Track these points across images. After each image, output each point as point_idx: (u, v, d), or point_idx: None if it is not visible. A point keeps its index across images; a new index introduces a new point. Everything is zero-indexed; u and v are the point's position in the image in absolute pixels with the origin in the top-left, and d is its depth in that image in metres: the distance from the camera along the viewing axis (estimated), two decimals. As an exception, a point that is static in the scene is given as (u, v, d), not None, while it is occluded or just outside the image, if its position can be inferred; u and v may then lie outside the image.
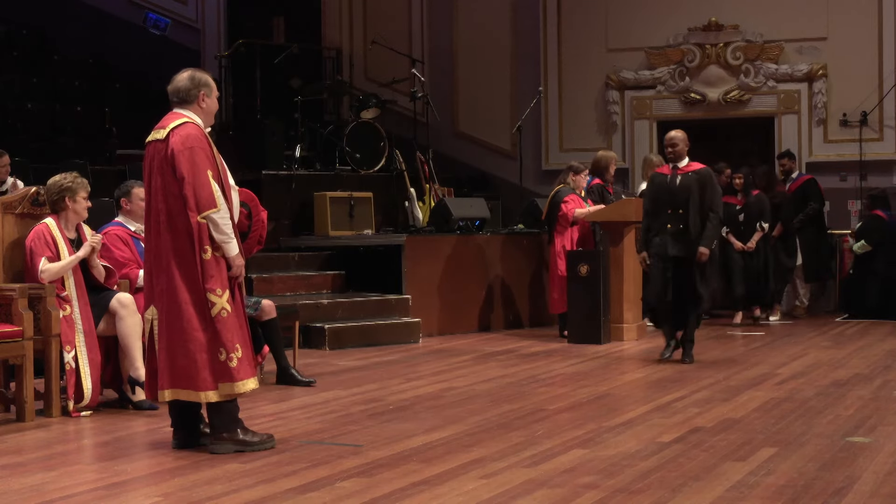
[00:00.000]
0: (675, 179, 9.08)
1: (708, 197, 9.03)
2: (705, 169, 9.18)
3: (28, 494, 4.94)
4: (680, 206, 8.99)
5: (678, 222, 8.98)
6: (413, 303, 11.20)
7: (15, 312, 6.81)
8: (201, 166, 5.68)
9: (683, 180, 9.05)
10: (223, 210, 5.70)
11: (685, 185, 9.02)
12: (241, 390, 5.72)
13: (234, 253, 5.74)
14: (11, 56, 14.79)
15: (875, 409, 6.87)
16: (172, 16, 16.79)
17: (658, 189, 9.16)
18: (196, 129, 5.78)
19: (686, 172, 9.11)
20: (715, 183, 9.15)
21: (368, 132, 13.44)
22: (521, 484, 5.04)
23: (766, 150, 14.05)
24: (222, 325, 5.68)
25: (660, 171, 9.28)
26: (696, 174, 9.08)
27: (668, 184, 9.10)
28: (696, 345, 9.40)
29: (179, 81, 5.89)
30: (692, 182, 9.03)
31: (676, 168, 9.14)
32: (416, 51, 15.33)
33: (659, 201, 9.10)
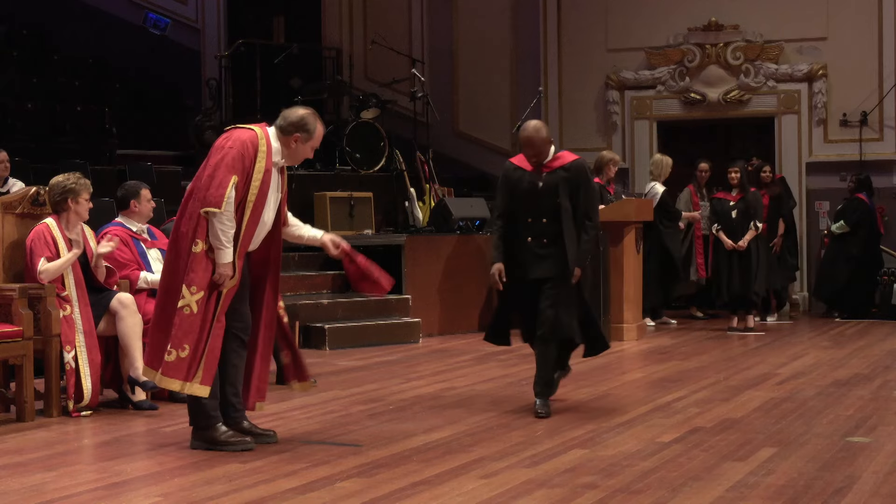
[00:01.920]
0: (539, 179, 6.93)
1: (582, 200, 6.89)
2: (579, 162, 7.01)
3: (28, 494, 4.94)
4: (544, 213, 6.89)
5: (541, 235, 6.91)
6: (413, 303, 11.20)
7: (15, 312, 6.81)
8: (230, 166, 5.70)
9: (550, 180, 6.92)
10: (225, 215, 5.69)
11: (551, 186, 6.90)
12: (160, 385, 5.78)
13: (223, 261, 5.72)
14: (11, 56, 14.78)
15: (875, 409, 6.87)
16: (172, 16, 16.78)
17: (514, 188, 6.99)
18: (251, 136, 5.80)
19: (553, 170, 6.94)
20: (591, 181, 7.09)
21: (368, 132, 13.44)
22: (521, 484, 5.04)
23: (766, 150, 14.04)
24: (180, 320, 5.69)
25: (517, 164, 7.06)
26: (565, 171, 6.93)
27: (528, 184, 6.93)
28: (694, 345, 9.38)
29: (293, 113, 5.95)
30: (560, 181, 6.89)
31: (539, 164, 6.98)
32: (416, 51, 15.33)
33: (516, 205, 6.96)
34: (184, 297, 5.71)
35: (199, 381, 5.73)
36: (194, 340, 5.71)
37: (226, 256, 5.72)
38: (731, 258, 11.64)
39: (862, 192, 12.83)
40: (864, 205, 12.78)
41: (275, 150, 5.86)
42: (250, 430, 5.98)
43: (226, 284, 5.76)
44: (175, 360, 5.69)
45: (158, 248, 7.70)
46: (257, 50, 14.43)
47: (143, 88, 15.87)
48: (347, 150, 13.19)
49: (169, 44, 16.65)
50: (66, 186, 7.14)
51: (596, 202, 7.05)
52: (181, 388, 5.73)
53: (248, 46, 14.47)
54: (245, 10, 16.95)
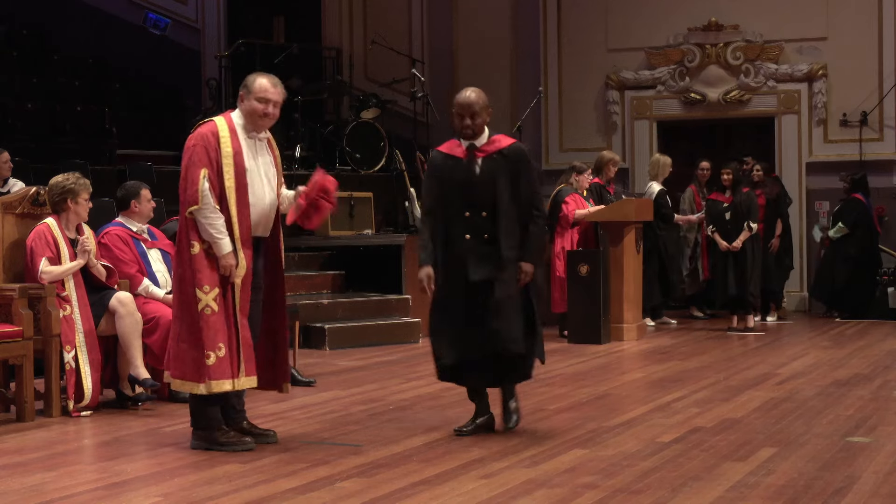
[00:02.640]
0: (474, 165, 6.14)
1: (525, 188, 6.12)
2: (517, 145, 6.26)
3: (28, 494, 4.94)
4: (483, 205, 6.08)
5: (481, 230, 6.08)
6: (413, 303, 11.19)
7: (15, 312, 6.81)
8: (196, 163, 5.76)
9: (487, 167, 6.13)
10: (206, 208, 5.72)
11: (489, 173, 6.11)
12: (214, 390, 5.75)
13: (222, 252, 5.74)
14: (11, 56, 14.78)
15: (875, 409, 6.87)
16: (172, 16, 16.78)
17: (446, 179, 6.17)
18: (209, 127, 5.84)
19: (489, 154, 6.15)
20: (531, 165, 6.24)
21: (368, 132, 13.44)
22: (521, 484, 5.04)
23: (766, 150, 14.04)
24: (205, 323, 5.70)
25: (446, 151, 6.26)
26: (503, 156, 6.14)
27: (462, 172, 6.11)
28: (694, 345, 9.37)
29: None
30: (500, 168, 6.10)
31: (474, 148, 6.18)
32: (416, 51, 15.33)
33: (450, 198, 6.13)
34: (200, 300, 5.72)
35: (245, 374, 5.78)
36: (226, 337, 5.74)
37: (224, 247, 5.74)
38: (726, 259, 11.59)
39: (858, 192, 12.83)
40: (861, 205, 12.78)
41: (239, 126, 5.88)
42: (250, 430, 5.99)
43: (235, 275, 5.77)
44: (216, 362, 5.71)
45: (159, 248, 7.71)
46: (257, 50, 14.43)
47: (143, 88, 15.87)
48: (347, 150, 13.19)
49: (169, 44, 16.65)
50: (65, 186, 7.14)
51: (539, 189, 6.27)
52: (233, 386, 5.76)
53: (248, 46, 14.48)
54: (245, 10, 16.95)
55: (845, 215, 12.75)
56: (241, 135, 5.86)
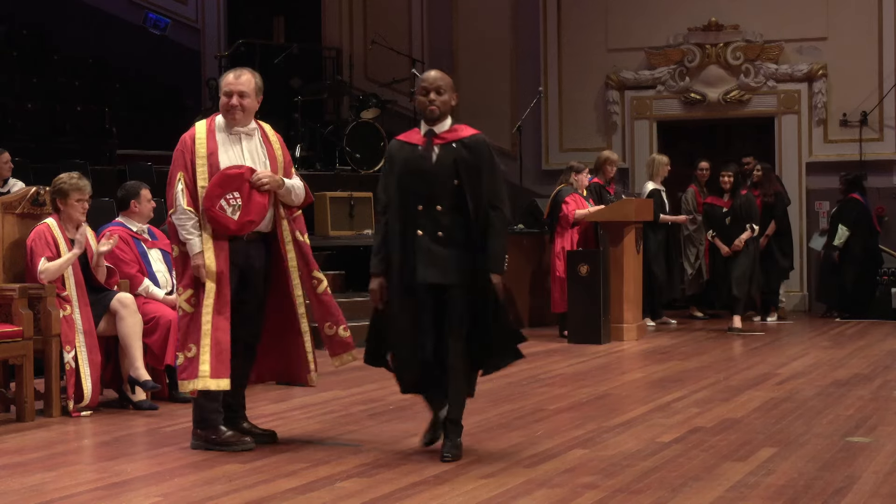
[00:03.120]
0: (430, 153, 5.52)
1: (486, 184, 5.49)
2: (480, 137, 5.63)
3: (28, 494, 4.94)
4: (438, 198, 5.46)
5: (434, 227, 5.46)
6: (413, 303, 11.17)
7: (15, 312, 6.81)
8: (174, 167, 5.86)
9: (444, 155, 5.52)
10: (178, 210, 5.77)
11: (446, 163, 5.49)
12: (182, 389, 5.82)
13: (192, 252, 5.78)
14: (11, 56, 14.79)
15: (875, 409, 6.87)
16: (172, 16, 16.79)
17: (401, 169, 5.56)
18: (190, 131, 5.91)
19: (448, 142, 5.54)
20: (494, 159, 5.63)
21: (368, 132, 13.44)
22: (521, 484, 5.04)
23: (766, 150, 14.04)
24: (181, 325, 5.81)
25: (404, 139, 5.67)
26: (464, 146, 5.53)
27: (417, 160, 5.51)
28: (694, 345, 9.34)
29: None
30: (459, 158, 5.49)
31: (433, 134, 5.56)
32: (416, 51, 15.33)
33: (404, 190, 5.51)
34: (180, 305, 5.80)
35: (208, 375, 5.69)
36: (197, 337, 5.72)
37: (193, 248, 5.76)
38: (726, 261, 11.60)
39: (855, 192, 12.82)
40: (859, 204, 12.77)
41: (219, 126, 5.88)
42: (250, 431, 5.98)
43: (206, 276, 5.72)
44: (184, 361, 5.73)
45: (159, 248, 7.71)
46: (257, 50, 14.43)
47: (143, 88, 15.87)
48: (347, 150, 13.19)
49: (169, 44, 16.65)
50: (56, 187, 7.16)
51: (503, 186, 5.59)
52: (193, 386, 5.72)
53: (248, 46, 14.48)
54: (245, 10, 16.96)
55: (845, 216, 12.73)
56: (219, 134, 5.85)
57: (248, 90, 5.85)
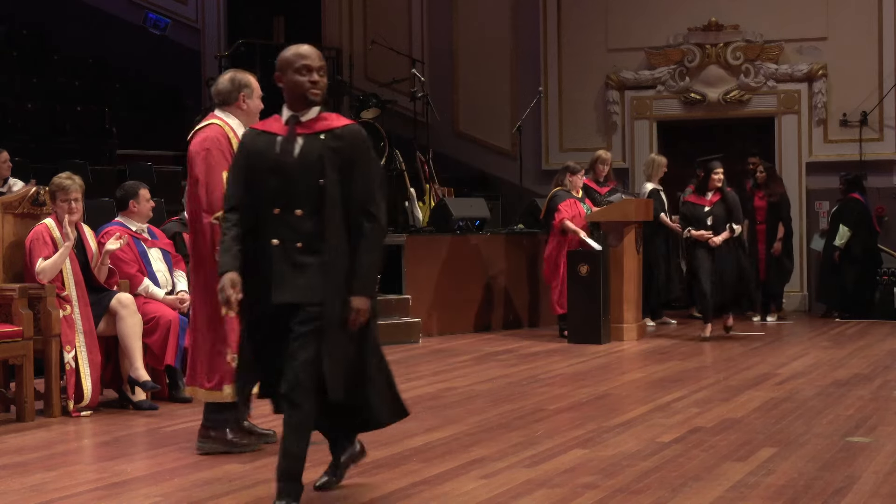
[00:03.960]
0: (292, 145, 4.58)
1: (359, 183, 4.55)
2: (354, 128, 4.68)
3: (28, 494, 4.94)
4: (299, 201, 4.52)
5: (293, 235, 4.51)
6: (413, 303, 11.20)
7: (15, 312, 6.81)
8: (216, 167, 5.68)
9: (309, 149, 4.57)
10: None
11: (310, 158, 4.54)
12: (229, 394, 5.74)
13: None
14: (11, 56, 14.79)
15: (875, 409, 6.87)
16: (172, 16, 16.79)
17: (255, 163, 4.62)
18: (217, 131, 5.79)
19: (314, 133, 4.60)
20: (371, 155, 4.66)
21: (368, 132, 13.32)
22: (521, 484, 5.04)
23: (766, 150, 14.04)
24: (230, 326, 5.69)
25: (261, 127, 4.75)
26: (334, 138, 4.58)
27: (277, 153, 4.58)
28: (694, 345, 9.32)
29: (220, 83, 5.97)
30: (326, 153, 4.54)
31: (296, 122, 4.64)
32: (416, 51, 15.33)
33: (257, 189, 4.57)
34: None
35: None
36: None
37: None
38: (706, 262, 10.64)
39: (855, 192, 12.82)
40: (860, 204, 12.77)
41: (235, 126, 5.86)
42: (251, 430, 5.98)
43: None
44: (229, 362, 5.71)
45: (159, 247, 7.71)
46: (257, 50, 14.43)
47: (143, 88, 15.87)
48: (347, 150, 13.16)
49: (169, 44, 16.65)
50: (49, 188, 7.17)
51: (380, 187, 4.62)
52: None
53: (248, 46, 14.48)
54: (245, 10, 16.96)
55: (845, 216, 12.73)
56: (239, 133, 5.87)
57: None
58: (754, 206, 12.54)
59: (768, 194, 12.50)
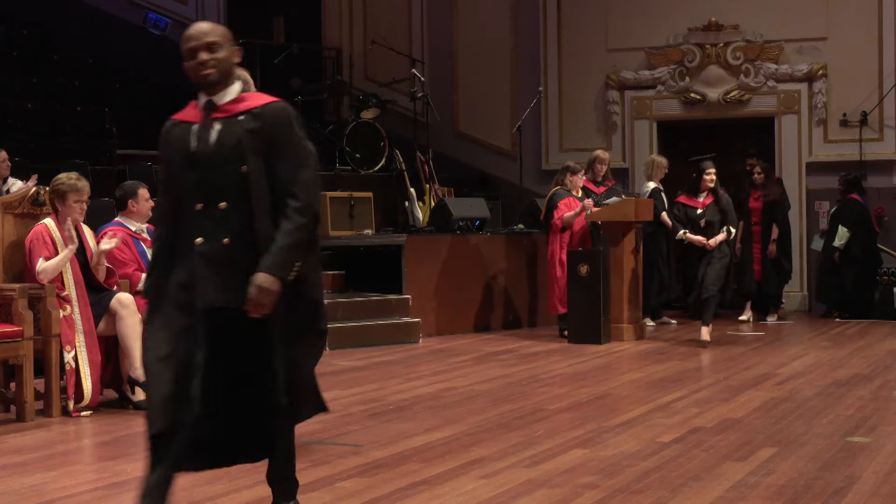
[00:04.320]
0: (208, 131, 4.11)
1: (283, 166, 4.06)
2: (278, 105, 4.15)
3: (28, 494, 4.94)
4: (221, 192, 4.04)
5: (218, 231, 4.03)
6: (413, 303, 11.20)
7: (15, 312, 6.81)
8: None
9: (227, 133, 4.08)
10: None
11: (229, 143, 4.06)
12: None
13: None
14: (11, 56, 14.78)
15: (875, 409, 6.87)
16: (172, 16, 16.78)
17: (173, 157, 4.18)
18: None
19: (232, 115, 4.12)
20: (298, 134, 4.12)
21: (368, 132, 13.44)
22: (521, 484, 5.04)
23: (766, 150, 14.04)
24: None
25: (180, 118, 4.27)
26: (254, 118, 4.09)
27: (195, 143, 4.11)
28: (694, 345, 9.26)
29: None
30: (245, 136, 4.06)
31: (212, 107, 4.17)
32: (416, 51, 15.33)
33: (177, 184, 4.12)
34: None
35: None
36: None
37: None
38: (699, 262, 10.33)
39: (854, 193, 12.82)
40: (859, 204, 12.77)
41: None
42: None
43: None
44: None
45: (158, 247, 7.70)
46: (257, 50, 14.43)
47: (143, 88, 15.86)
48: (347, 150, 13.19)
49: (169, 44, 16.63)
50: (54, 187, 7.16)
51: (310, 170, 4.12)
52: None
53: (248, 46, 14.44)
54: (245, 11, 16.96)
55: (844, 217, 12.73)
56: None
57: None
58: (749, 207, 12.53)
59: (764, 195, 12.50)
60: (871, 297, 12.75)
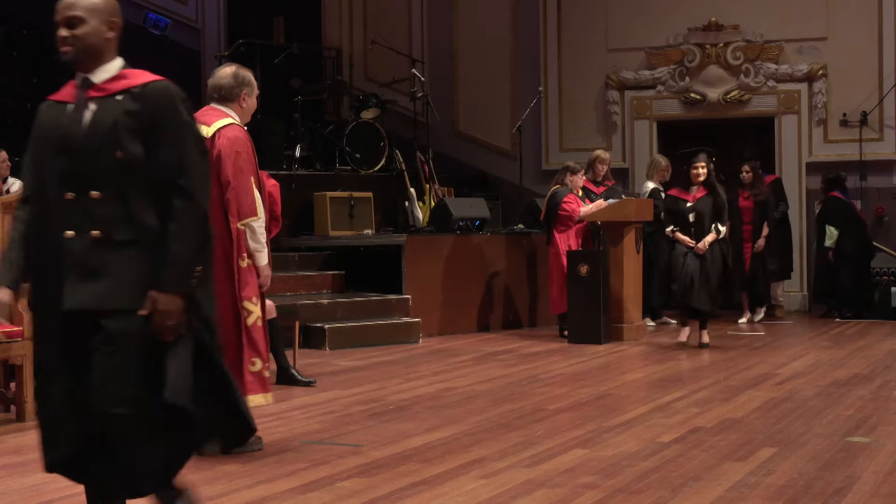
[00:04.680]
0: (82, 112, 3.67)
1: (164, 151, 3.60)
2: (161, 85, 3.76)
3: (28, 494, 4.94)
4: (94, 180, 3.58)
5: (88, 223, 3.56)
6: (413, 303, 11.21)
7: (15, 312, 6.79)
8: (246, 172, 5.67)
9: (103, 115, 3.63)
10: (262, 219, 5.71)
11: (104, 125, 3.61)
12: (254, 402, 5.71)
13: (264, 262, 5.76)
14: (11, 56, 14.78)
15: (875, 409, 6.87)
16: (172, 16, 16.79)
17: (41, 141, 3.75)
18: (241, 132, 5.76)
19: (110, 95, 3.67)
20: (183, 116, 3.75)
21: (368, 132, 13.44)
22: (521, 484, 5.04)
23: (766, 150, 14.05)
24: (258, 335, 5.72)
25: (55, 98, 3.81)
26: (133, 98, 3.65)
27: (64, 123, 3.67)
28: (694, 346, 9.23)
29: (222, 78, 5.87)
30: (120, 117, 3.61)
31: (88, 85, 3.72)
32: (416, 51, 15.33)
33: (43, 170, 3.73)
34: (251, 312, 5.70)
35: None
36: (264, 351, 5.79)
37: (265, 257, 5.76)
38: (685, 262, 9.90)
39: (835, 191, 12.80)
40: (841, 202, 12.77)
41: (241, 123, 5.85)
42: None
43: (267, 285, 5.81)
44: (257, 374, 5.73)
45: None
46: (257, 50, 14.43)
47: (143, 88, 15.86)
48: (347, 150, 13.19)
49: (169, 44, 16.65)
50: None
51: (195, 157, 3.65)
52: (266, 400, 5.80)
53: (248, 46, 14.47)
54: (245, 10, 16.95)
55: (829, 216, 12.74)
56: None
57: None
58: (740, 207, 12.41)
59: (754, 194, 12.43)
60: (871, 292, 12.73)
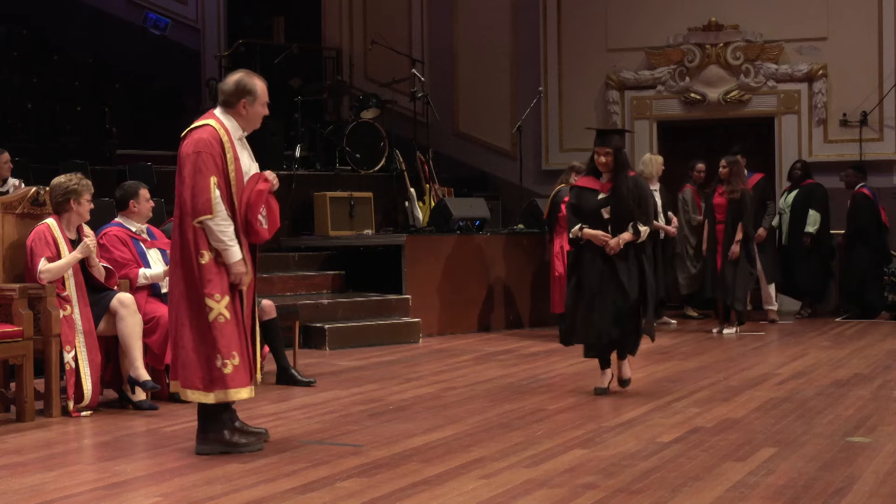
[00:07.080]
0: None
1: None
2: None
3: (28, 494, 4.94)
4: None
5: None
6: (413, 303, 11.21)
7: (15, 312, 6.81)
8: (204, 171, 5.66)
9: None
10: (218, 217, 5.66)
11: None
12: (233, 398, 5.73)
13: (233, 259, 5.71)
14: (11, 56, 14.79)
15: (875, 409, 6.87)
16: (172, 16, 16.80)
17: None
18: (210, 133, 5.73)
19: None
20: None
21: (368, 132, 13.45)
22: (521, 484, 5.04)
23: (766, 150, 14.05)
24: (219, 332, 5.67)
25: None
26: None
27: None
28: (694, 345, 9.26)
29: (226, 84, 5.89)
30: None
31: None
32: (416, 51, 15.33)
33: None
34: (212, 309, 5.68)
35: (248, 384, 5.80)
36: (240, 345, 5.74)
37: (234, 255, 5.71)
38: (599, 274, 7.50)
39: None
40: (820, 187, 12.80)
41: (232, 129, 5.82)
42: (245, 430, 5.97)
43: (243, 282, 5.77)
44: (233, 370, 5.69)
45: (158, 247, 7.71)
46: (257, 50, 14.45)
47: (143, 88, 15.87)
48: (347, 150, 13.19)
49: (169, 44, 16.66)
50: (68, 188, 7.14)
51: None
52: (250, 393, 5.77)
53: (248, 46, 14.50)
54: (245, 10, 16.97)
55: (813, 201, 12.76)
56: (235, 140, 5.84)
57: None
58: (714, 203, 11.60)
59: (729, 191, 11.48)
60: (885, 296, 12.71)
